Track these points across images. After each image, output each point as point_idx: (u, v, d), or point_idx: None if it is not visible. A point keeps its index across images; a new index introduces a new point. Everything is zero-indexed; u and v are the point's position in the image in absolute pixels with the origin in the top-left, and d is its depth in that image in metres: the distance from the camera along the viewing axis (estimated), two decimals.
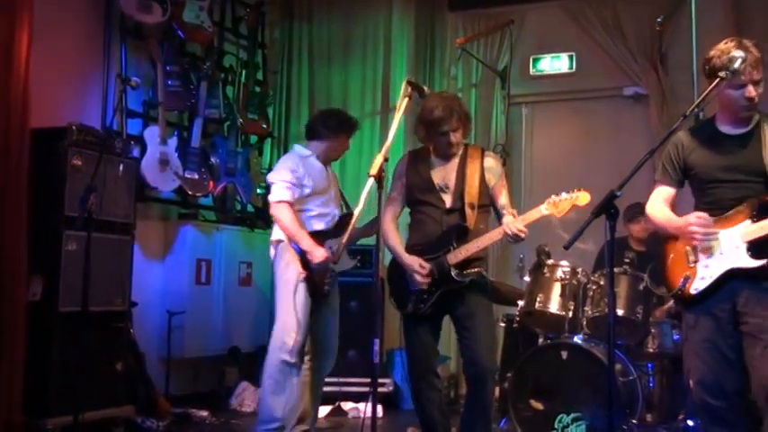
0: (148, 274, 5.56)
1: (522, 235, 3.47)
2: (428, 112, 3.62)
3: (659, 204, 3.22)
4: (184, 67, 5.70)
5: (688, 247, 3.08)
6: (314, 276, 4.15)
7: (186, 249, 5.72)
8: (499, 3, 6.47)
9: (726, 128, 3.09)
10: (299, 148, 4.43)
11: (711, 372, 2.99)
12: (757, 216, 2.94)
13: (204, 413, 5.15)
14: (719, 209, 3.04)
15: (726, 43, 2.99)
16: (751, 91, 2.94)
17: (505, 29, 6.24)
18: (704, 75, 3.04)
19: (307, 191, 4.22)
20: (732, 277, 2.96)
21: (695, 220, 3.00)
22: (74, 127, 4.47)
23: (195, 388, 5.82)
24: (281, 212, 4.16)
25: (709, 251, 3.01)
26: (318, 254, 4.09)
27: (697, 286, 3.03)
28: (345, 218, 4.31)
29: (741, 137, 3.05)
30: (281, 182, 4.19)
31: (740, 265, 2.94)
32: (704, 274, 3.02)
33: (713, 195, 3.07)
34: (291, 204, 4.18)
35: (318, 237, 4.20)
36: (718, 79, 2.90)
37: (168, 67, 5.51)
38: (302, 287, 4.13)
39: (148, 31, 5.47)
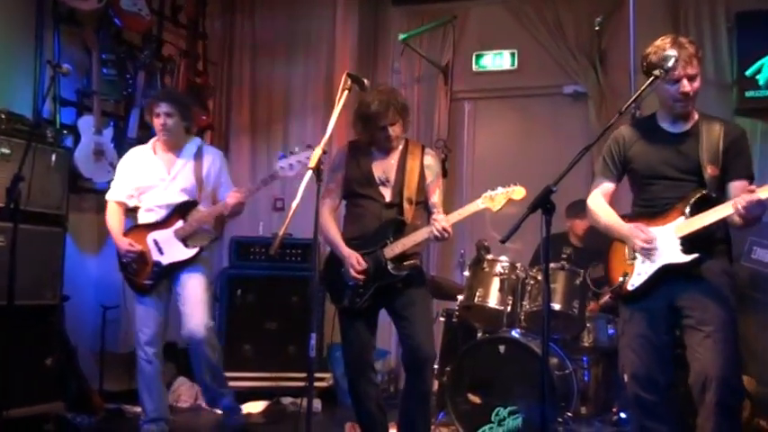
0: (82, 267, 5.41)
1: (447, 235, 3.47)
2: (365, 107, 3.58)
3: (603, 202, 3.25)
4: (121, 55, 5.54)
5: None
6: (125, 269, 4.24)
7: None
8: None
9: (666, 125, 3.15)
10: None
11: (645, 366, 3.05)
12: (690, 212, 3.00)
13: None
14: (655, 207, 3.10)
15: (662, 40, 3.05)
16: (685, 85, 2.99)
17: (448, 25, 6.24)
18: (642, 72, 3.09)
19: (135, 186, 4.29)
20: (668, 273, 3.02)
21: (638, 233, 3.05)
22: (2, 114, 4.33)
23: (130, 384, 5.68)
24: (106, 210, 4.33)
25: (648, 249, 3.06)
26: (118, 245, 4.20)
27: (633, 282, 3.09)
28: (185, 206, 4.25)
29: (680, 135, 3.11)
30: (114, 181, 4.37)
31: (673, 260, 3.00)
32: (640, 271, 3.08)
33: (650, 193, 3.13)
34: (121, 202, 4.31)
35: (141, 230, 4.26)
36: (652, 77, 2.95)
37: (104, 56, 5.35)
38: None
39: (83, 17, 5.30)
